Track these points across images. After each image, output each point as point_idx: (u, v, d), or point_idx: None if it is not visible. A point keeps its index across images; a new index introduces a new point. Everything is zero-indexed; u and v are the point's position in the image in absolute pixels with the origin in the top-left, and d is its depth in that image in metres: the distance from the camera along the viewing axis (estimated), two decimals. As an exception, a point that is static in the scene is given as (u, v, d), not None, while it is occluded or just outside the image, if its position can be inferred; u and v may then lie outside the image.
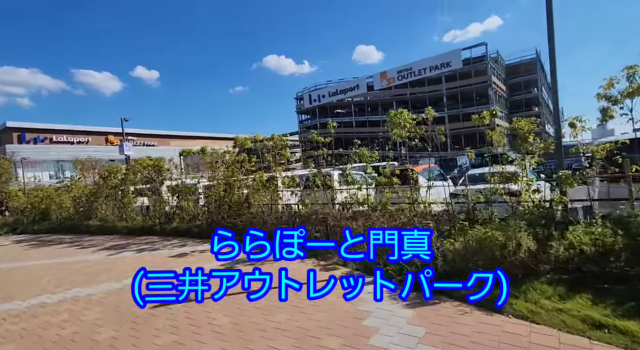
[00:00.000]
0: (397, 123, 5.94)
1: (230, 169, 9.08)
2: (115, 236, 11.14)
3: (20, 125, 42.01)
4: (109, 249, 8.45)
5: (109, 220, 13.24)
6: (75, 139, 45.72)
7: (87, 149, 37.73)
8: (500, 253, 3.37)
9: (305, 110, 68.45)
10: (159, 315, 3.90)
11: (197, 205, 10.74)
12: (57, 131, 43.87)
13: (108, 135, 49.13)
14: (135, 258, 7.01)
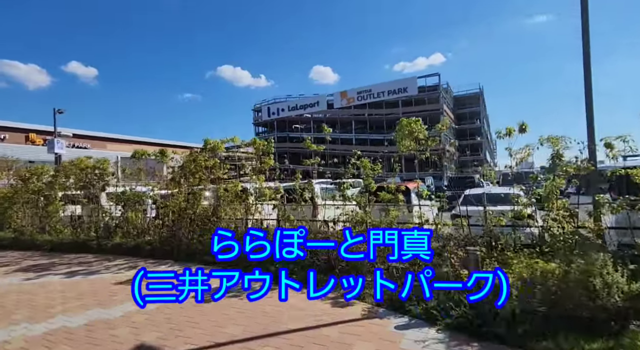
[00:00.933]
0: (408, 133, 5.36)
1: (197, 176, 7.72)
2: (36, 253, 8.81)
3: None
4: (26, 271, 6.45)
5: (27, 232, 10.63)
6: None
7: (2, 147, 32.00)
8: (587, 294, 2.75)
9: (263, 123, 67.03)
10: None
11: (146, 217, 9.02)
12: (-41, 123, 36.86)
13: (29, 133, 42.65)
14: (65, 284, 5.29)
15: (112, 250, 8.00)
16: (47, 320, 3.76)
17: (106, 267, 6.38)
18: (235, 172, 9.82)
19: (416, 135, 5.41)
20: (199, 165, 7.81)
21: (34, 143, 41.87)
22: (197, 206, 7.81)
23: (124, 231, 8.92)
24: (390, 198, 5.62)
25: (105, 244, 8.24)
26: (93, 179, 9.35)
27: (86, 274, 5.99)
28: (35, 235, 9.91)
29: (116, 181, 10.13)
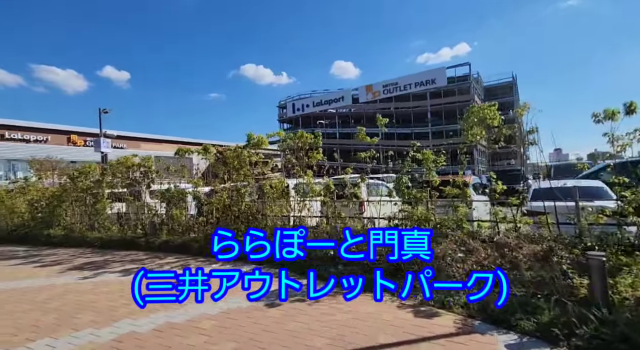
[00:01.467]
0: (479, 121, 4.81)
1: (241, 172, 7.53)
2: (86, 250, 9.03)
3: (-37, 119, 37.24)
4: (81, 269, 6.52)
5: (77, 229, 10.99)
6: (31, 137, 41.26)
7: (46, 149, 33.87)
8: None
9: (288, 119, 67.23)
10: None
11: (187, 214, 8.99)
12: (10, 127, 39.31)
13: (71, 135, 45.04)
14: (123, 283, 5.22)
15: (160, 247, 8.00)
16: (113, 324, 3.61)
17: (159, 265, 6.31)
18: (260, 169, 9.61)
19: (489, 123, 4.82)
20: (243, 161, 7.62)
21: (75, 144, 44.21)
22: (241, 203, 7.63)
23: (169, 228, 8.93)
24: (457, 193, 5.10)
25: (152, 242, 8.27)
26: (138, 177, 9.42)
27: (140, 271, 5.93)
28: (85, 233, 10.20)
29: (163, 177, 10.22)
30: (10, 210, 13.90)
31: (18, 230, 12.44)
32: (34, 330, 3.60)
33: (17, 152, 36.71)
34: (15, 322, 3.87)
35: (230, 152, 7.79)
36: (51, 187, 13.59)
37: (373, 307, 3.72)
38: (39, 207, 13.01)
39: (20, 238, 11.84)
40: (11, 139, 38.88)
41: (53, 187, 14.74)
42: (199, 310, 3.83)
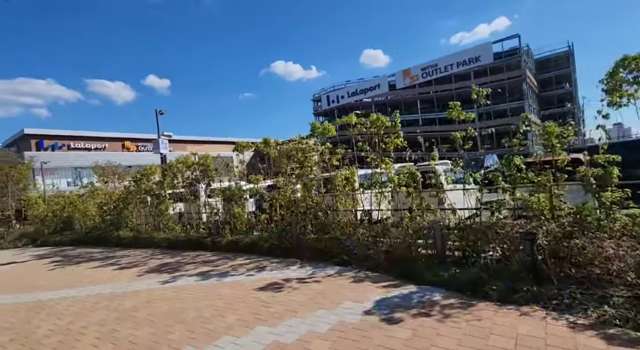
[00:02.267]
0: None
1: (307, 164, 7.01)
2: (156, 250, 9.14)
3: (38, 132, 41.28)
4: (158, 271, 6.41)
5: (143, 230, 11.32)
6: (92, 146, 44.94)
7: (104, 155, 36.46)
8: None
9: (323, 112, 66.55)
10: None
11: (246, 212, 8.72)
12: (74, 138, 43.08)
13: (125, 141, 48.49)
14: (205, 289, 4.92)
15: (227, 247, 7.78)
16: (212, 342, 3.20)
17: (233, 268, 5.99)
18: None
19: None
20: (308, 152, 7.08)
21: (128, 150, 47.52)
22: (309, 198, 7.12)
23: (231, 227, 8.73)
24: (598, 173, 4.06)
25: (219, 242, 8.08)
26: (199, 175, 9.33)
27: (217, 275, 5.62)
28: (152, 234, 10.41)
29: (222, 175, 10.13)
30: (83, 214, 14.83)
31: (92, 232, 13.19)
32: (132, 347, 3.30)
33: (81, 160, 40.13)
34: (110, 336, 3.64)
35: (293, 145, 7.30)
36: (116, 191, 14.27)
37: (530, 323, 2.93)
38: (107, 210, 13.70)
39: (94, 240, 12.53)
40: (76, 148, 42.59)
41: (117, 190, 15.52)
42: (303, 326, 3.31)
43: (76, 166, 40.89)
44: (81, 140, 43.43)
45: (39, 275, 7.50)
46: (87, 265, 8.12)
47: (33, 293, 5.92)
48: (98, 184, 16.79)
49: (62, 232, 14.89)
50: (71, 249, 11.98)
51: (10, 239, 15.72)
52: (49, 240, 14.16)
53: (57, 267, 8.31)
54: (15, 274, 8.04)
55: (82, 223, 14.94)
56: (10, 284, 6.99)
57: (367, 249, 5.16)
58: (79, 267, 7.92)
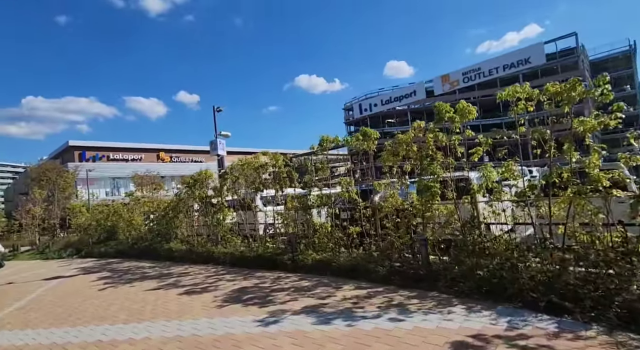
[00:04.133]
0: None
1: (430, 165, 5.27)
2: (218, 268, 7.67)
3: (81, 144, 42.83)
4: (241, 301, 4.82)
5: (196, 242, 9.97)
6: (129, 157, 45.99)
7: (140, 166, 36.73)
8: None
9: (354, 121, 65.15)
10: None
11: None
12: (113, 149, 44.27)
13: (159, 152, 49.42)
14: (340, 342, 3.22)
15: (314, 268, 6.11)
16: None
17: (352, 303, 4.22)
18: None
19: None
20: (429, 147, 5.37)
21: (163, 161, 48.29)
22: (430, 205, 5.33)
23: (308, 242, 7.10)
24: None
25: (301, 260, 6.44)
26: (268, 179, 7.85)
27: (337, 314, 3.83)
28: (210, 247, 9.00)
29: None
30: (128, 223, 13.85)
31: (138, 244, 12.07)
32: None
33: (119, 171, 40.94)
34: None
35: (405, 135, 5.61)
36: (164, 199, 13.21)
37: None
38: (155, 220, 12.62)
39: (140, 252, 11.38)
40: (114, 159, 43.68)
41: (156, 199, 14.56)
42: None
43: (114, 176, 41.70)
44: (119, 151, 44.56)
45: (89, 297, 6.18)
46: (142, 285, 6.74)
47: (86, 325, 4.50)
48: (138, 193, 15.98)
49: (106, 242, 13.98)
50: (118, 261, 10.84)
51: (56, 248, 15.05)
52: (94, 251, 13.22)
53: (108, 285, 7.00)
54: (62, 293, 6.79)
55: (126, 233, 13.97)
56: (57, 308, 5.68)
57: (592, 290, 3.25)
58: (133, 288, 6.54)
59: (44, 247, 16.31)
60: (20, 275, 9.89)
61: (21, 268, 11.76)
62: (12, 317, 5.32)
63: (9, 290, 7.67)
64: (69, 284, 7.76)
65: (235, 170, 8.62)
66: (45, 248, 15.99)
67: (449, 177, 5.34)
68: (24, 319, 5.10)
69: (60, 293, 6.81)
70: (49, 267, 11.22)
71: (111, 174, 41.72)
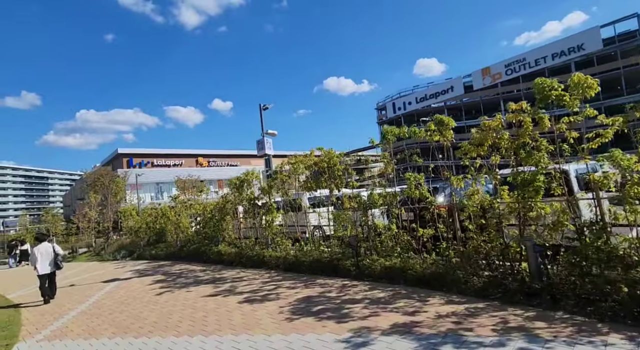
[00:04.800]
0: None
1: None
2: (272, 273, 7.24)
3: (129, 151, 45.48)
4: (312, 313, 4.29)
5: (244, 245, 9.70)
6: (171, 162, 48.09)
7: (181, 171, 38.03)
8: None
9: (388, 121, 63.55)
10: None
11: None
12: (156, 155, 46.53)
13: (198, 158, 51.26)
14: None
15: (381, 276, 5.44)
16: None
17: (455, 323, 3.49)
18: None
19: None
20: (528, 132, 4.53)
21: (201, 165, 50.04)
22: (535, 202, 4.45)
23: (369, 246, 6.44)
24: None
25: (367, 266, 5.80)
26: (328, 178, 7.30)
27: (448, 341, 3.03)
28: (261, 251, 8.65)
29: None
30: (176, 226, 14.04)
31: (186, 247, 12.12)
32: None
33: (162, 176, 42.95)
34: None
35: (496, 123, 4.80)
36: (209, 201, 13.22)
37: None
38: (201, 222, 12.63)
39: (190, 255, 11.37)
40: (157, 165, 45.93)
41: (205, 201, 14.64)
42: None
43: (158, 181, 43.81)
44: (162, 157, 46.78)
45: (147, 303, 5.98)
46: (198, 290, 6.46)
47: (150, 336, 4.18)
48: (182, 197, 16.24)
49: (155, 245, 14.27)
50: (169, 264, 10.87)
51: (110, 250, 15.68)
52: (145, 253, 13.52)
53: (164, 290, 6.81)
54: (121, 297, 6.69)
55: (173, 235, 14.17)
56: (118, 314, 5.50)
57: None
58: (190, 293, 6.26)
59: (100, 249, 17.09)
60: (81, 277, 10.18)
61: (80, 270, 12.23)
62: (75, 324, 5.19)
63: (71, 293, 7.77)
64: (126, 287, 7.72)
65: (294, 164, 8.11)
66: (101, 250, 16.73)
67: (552, 169, 4.45)
68: (86, 327, 4.93)
69: (119, 297, 6.71)
70: (106, 269, 11.54)
71: (155, 179, 43.84)
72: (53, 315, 5.83)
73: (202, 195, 15.72)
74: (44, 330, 5.00)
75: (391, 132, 6.18)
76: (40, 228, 32.86)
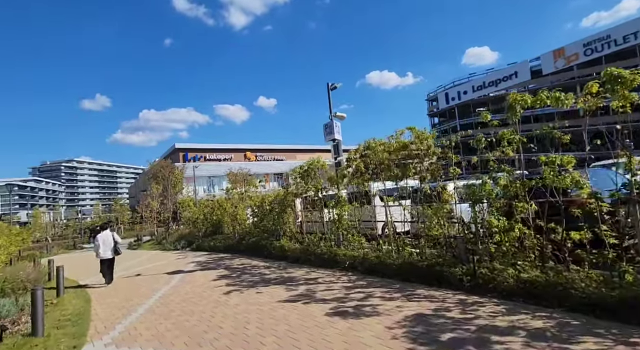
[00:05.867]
0: None
1: None
2: (350, 276, 6.17)
3: (185, 146, 47.88)
4: (446, 345, 3.11)
5: (307, 240, 8.80)
6: (222, 157, 49.68)
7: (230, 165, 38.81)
8: None
9: (439, 112, 59.53)
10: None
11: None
12: (209, 150, 48.41)
13: (246, 152, 52.43)
14: None
15: (519, 292, 4.07)
16: None
17: None
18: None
19: None
20: None
21: (249, 160, 51.13)
22: None
23: (480, 250, 5.05)
24: None
25: (491, 276, 4.45)
26: (423, 164, 6.02)
27: None
28: (331, 248, 7.65)
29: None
30: (233, 218, 13.71)
31: (245, 239, 11.62)
32: None
33: (214, 170, 44.56)
34: None
35: None
36: (270, 192, 12.61)
37: None
38: (259, 214, 12.06)
39: (248, 248, 10.81)
40: (210, 159, 47.78)
41: (269, 193, 14.12)
42: None
43: (210, 175, 45.53)
44: (214, 152, 48.57)
45: (215, 303, 5.27)
46: (270, 292, 5.61)
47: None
48: (236, 189, 15.94)
49: (213, 236, 14.10)
50: (229, 257, 10.40)
51: (171, 240, 15.94)
52: (204, 244, 13.35)
53: (231, 289, 6.09)
54: (187, 294, 6.11)
55: (230, 227, 13.86)
56: (188, 317, 4.83)
57: None
58: (261, 296, 5.43)
59: (161, 239, 17.55)
60: (146, 267, 10.08)
61: (145, 259, 12.34)
62: (143, 325, 4.60)
63: (139, 285, 7.47)
64: (191, 282, 7.20)
65: (370, 153, 6.98)
66: (162, 239, 17.15)
67: None
68: (156, 331, 4.28)
69: (185, 293, 6.13)
70: (168, 259, 11.44)
71: (207, 172, 45.60)
72: (121, 311, 5.36)
73: (252, 189, 15.35)
74: (112, 331, 4.45)
75: (521, 100, 4.70)
76: (110, 216, 35.82)
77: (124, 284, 7.60)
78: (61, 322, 4.99)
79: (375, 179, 7.41)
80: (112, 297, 6.41)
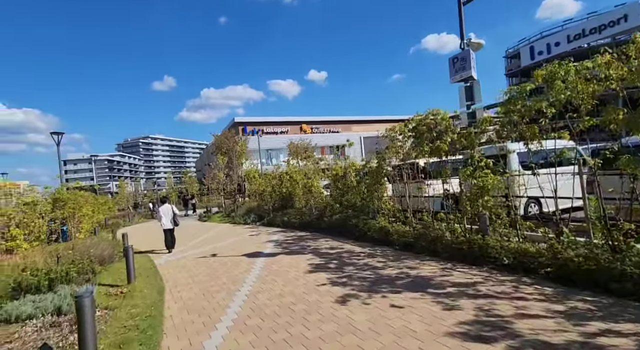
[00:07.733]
0: None
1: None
2: (527, 281, 3.87)
3: (243, 120, 48.05)
4: None
5: (421, 223, 6.63)
6: (278, 130, 49.01)
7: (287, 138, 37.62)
8: None
9: (520, 71, 50.86)
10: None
11: None
12: (266, 123, 48.02)
13: (302, 125, 51.11)
14: None
15: None
16: None
17: None
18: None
19: None
20: None
21: (305, 132, 49.76)
22: None
23: None
24: None
25: None
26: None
27: None
28: (474, 237, 5.39)
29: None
30: (307, 191, 12.09)
31: (326, 215, 9.90)
32: None
33: (271, 143, 44.19)
34: None
35: None
36: (355, 162, 10.56)
37: None
38: (342, 187, 10.16)
39: (332, 226, 8.99)
40: (267, 132, 47.49)
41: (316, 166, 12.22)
42: None
43: (268, 148, 45.32)
44: (271, 125, 48.07)
45: (336, 323, 3.48)
46: (409, 304, 3.63)
47: None
48: (294, 162, 14.24)
49: (284, 211, 12.72)
50: (309, 237, 8.74)
51: (240, 213, 15.05)
52: (275, 219, 11.99)
53: (342, 291, 4.25)
54: (281, 294, 4.49)
55: (303, 201, 12.28)
56: (298, 344, 3.04)
57: None
58: (403, 314, 3.47)
59: (230, 211, 16.88)
60: (221, 245, 8.89)
61: (216, 233, 11.38)
62: (235, 343, 2.92)
63: (217, 271, 6.11)
64: (279, 272, 5.58)
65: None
66: (231, 212, 16.44)
67: None
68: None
69: (281, 295, 4.45)
70: (241, 235, 10.24)
71: (265, 146, 45.41)
72: (202, 318, 3.86)
73: (324, 159, 13.55)
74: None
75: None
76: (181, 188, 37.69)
77: (201, 269, 6.31)
78: (126, 334, 3.59)
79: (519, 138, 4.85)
80: (188, 290, 5.04)
